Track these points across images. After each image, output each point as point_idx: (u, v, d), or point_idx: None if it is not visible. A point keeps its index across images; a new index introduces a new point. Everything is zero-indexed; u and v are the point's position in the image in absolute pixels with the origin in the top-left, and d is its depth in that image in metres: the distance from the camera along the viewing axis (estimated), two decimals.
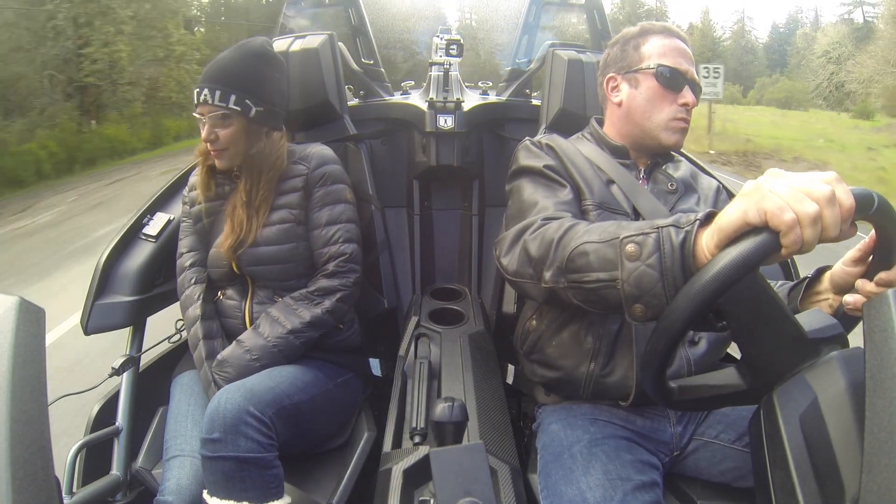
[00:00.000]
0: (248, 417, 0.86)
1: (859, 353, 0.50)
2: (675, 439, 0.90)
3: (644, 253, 0.58)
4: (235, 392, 0.89)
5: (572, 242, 0.68)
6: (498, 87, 2.02)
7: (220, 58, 1.09)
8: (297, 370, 1.02)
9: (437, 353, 1.14)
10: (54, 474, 0.45)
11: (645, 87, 0.96)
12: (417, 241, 1.70)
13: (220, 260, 1.10)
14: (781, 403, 0.55)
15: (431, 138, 1.60)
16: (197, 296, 1.09)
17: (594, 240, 0.65)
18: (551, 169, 0.92)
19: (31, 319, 0.49)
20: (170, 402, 1.07)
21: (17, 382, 0.44)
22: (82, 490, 0.91)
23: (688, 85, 0.95)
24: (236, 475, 0.83)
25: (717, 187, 1.06)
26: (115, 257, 1.13)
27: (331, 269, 1.10)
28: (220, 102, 1.04)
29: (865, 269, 0.69)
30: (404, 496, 0.75)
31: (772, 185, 0.51)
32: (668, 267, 0.56)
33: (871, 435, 0.41)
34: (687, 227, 0.56)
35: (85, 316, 1.07)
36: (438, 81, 1.67)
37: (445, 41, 1.95)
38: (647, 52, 0.97)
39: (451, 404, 0.79)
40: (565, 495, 0.78)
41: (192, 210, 1.15)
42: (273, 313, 1.06)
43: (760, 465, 0.57)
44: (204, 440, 0.84)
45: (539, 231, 0.76)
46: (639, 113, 0.97)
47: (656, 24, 1.01)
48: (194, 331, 1.06)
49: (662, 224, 0.58)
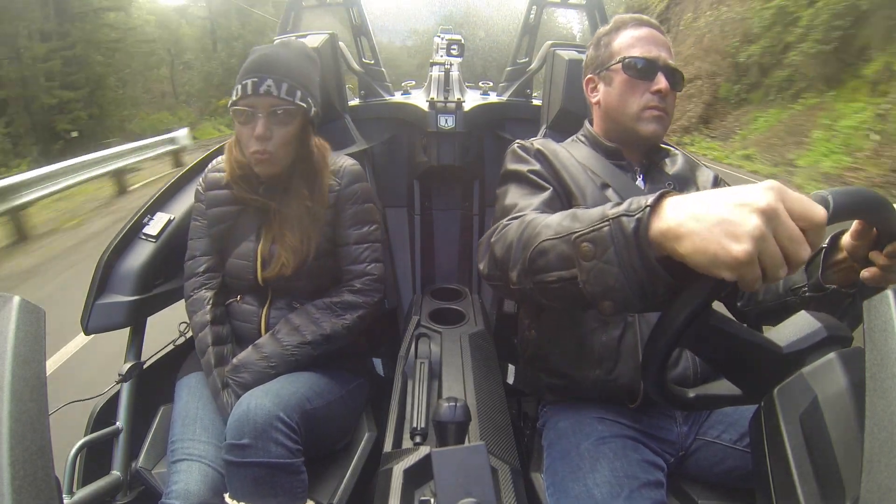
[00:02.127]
0: (278, 423, 0.85)
1: (859, 353, 0.50)
2: (681, 439, 0.90)
3: (599, 250, 0.53)
4: (264, 397, 0.88)
5: (532, 241, 0.64)
6: (498, 87, 2.02)
7: (270, 51, 1.00)
8: (314, 376, 1.01)
9: (438, 353, 1.14)
10: (54, 474, 0.45)
11: (617, 81, 0.95)
12: (418, 241, 1.70)
13: (245, 272, 1.06)
14: (782, 403, 0.55)
15: (432, 138, 1.60)
16: (207, 300, 1.06)
17: (551, 236, 0.61)
18: (535, 174, 0.91)
19: (31, 319, 0.49)
20: (175, 403, 1.04)
21: (17, 382, 0.44)
22: (82, 490, 0.90)
23: (661, 72, 0.92)
24: (266, 481, 0.83)
25: (715, 177, 1.05)
26: (115, 257, 1.13)
27: (357, 286, 1.08)
28: (286, 96, 0.96)
29: (873, 239, 0.68)
30: (405, 496, 0.75)
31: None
32: (626, 260, 0.51)
33: (871, 434, 0.40)
34: (638, 213, 0.50)
35: (85, 316, 1.07)
36: (439, 81, 1.67)
37: (446, 41, 1.95)
38: (616, 47, 0.97)
39: (455, 405, 0.79)
40: (572, 492, 0.78)
41: (209, 211, 1.08)
42: (294, 321, 1.03)
43: (761, 465, 0.57)
44: (230, 445, 0.83)
45: (502, 232, 0.73)
46: (614, 108, 0.97)
47: (627, 16, 1.00)
48: (203, 336, 1.03)
49: (613, 214, 0.53)
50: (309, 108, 1.00)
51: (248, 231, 1.07)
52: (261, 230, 1.06)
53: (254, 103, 0.96)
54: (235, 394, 0.96)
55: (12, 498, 0.39)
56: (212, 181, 1.10)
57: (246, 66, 0.98)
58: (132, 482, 1.00)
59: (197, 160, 1.34)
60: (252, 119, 0.96)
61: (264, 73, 0.95)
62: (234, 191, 1.05)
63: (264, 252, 1.05)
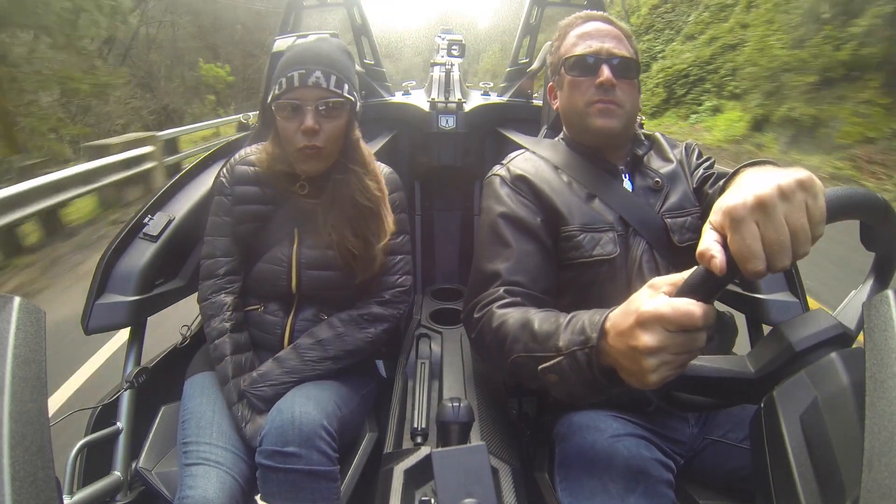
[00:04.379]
0: (322, 431, 0.85)
1: (859, 353, 0.50)
2: (692, 440, 0.90)
3: (564, 378, 0.64)
4: (307, 404, 0.88)
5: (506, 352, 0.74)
6: (499, 87, 2.02)
7: (312, 45, 0.96)
8: (338, 382, 1.01)
9: (439, 353, 1.14)
10: (54, 474, 0.45)
11: (565, 84, 0.95)
12: (419, 242, 1.70)
13: (276, 278, 1.01)
14: (782, 403, 0.55)
15: (433, 139, 1.60)
16: (227, 307, 1.01)
17: (522, 352, 0.72)
18: (508, 217, 0.91)
19: (31, 320, 0.49)
20: (185, 401, 1.01)
21: (17, 382, 0.44)
22: (83, 490, 0.90)
23: (604, 64, 0.90)
24: (306, 487, 0.83)
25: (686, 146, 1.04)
26: (115, 257, 1.13)
27: (387, 297, 1.06)
28: (335, 88, 0.91)
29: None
30: (406, 496, 0.75)
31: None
32: (589, 380, 0.62)
33: (871, 435, 0.40)
34: (588, 347, 0.61)
35: (85, 316, 1.07)
36: (440, 82, 1.67)
37: (447, 41, 1.95)
38: (563, 50, 0.96)
39: (458, 405, 0.79)
40: (587, 486, 0.78)
41: (235, 208, 1.02)
42: (318, 334, 1.00)
43: (761, 465, 0.57)
44: (272, 451, 0.83)
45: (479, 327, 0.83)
46: (568, 110, 0.97)
47: (573, 16, 0.99)
48: (220, 344, 0.99)
49: (566, 349, 0.63)
50: (355, 103, 0.97)
51: (282, 233, 1.02)
52: (294, 233, 1.02)
53: (301, 96, 0.91)
54: (255, 406, 0.95)
55: (12, 498, 0.39)
56: (240, 175, 1.02)
57: (288, 58, 0.94)
58: (132, 482, 1.00)
59: (198, 160, 1.34)
60: (299, 113, 0.91)
61: (312, 65, 0.91)
62: (269, 189, 1.00)
63: (300, 256, 1.01)
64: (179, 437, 0.95)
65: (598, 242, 0.88)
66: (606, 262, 0.88)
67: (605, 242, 0.88)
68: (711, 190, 0.94)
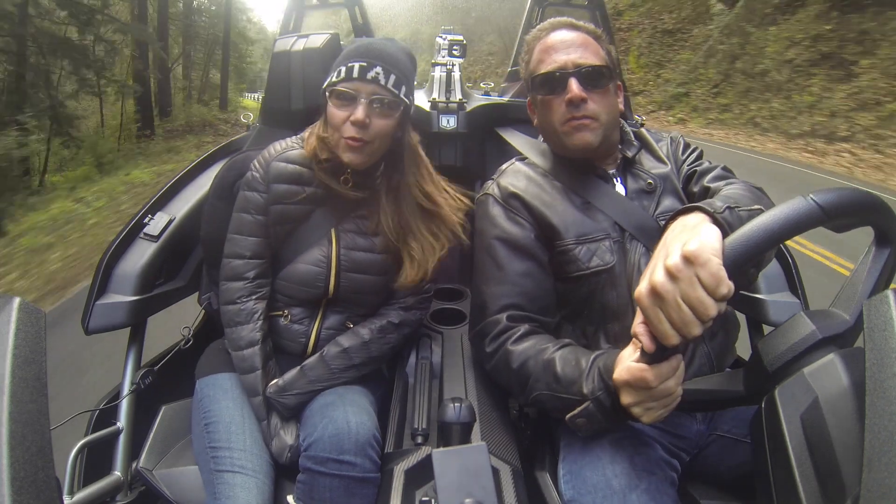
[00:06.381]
0: (373, 440, 0.87)
1: (859, 353, 0.50)
2: (698, 437, 0.90)
3: (591, 420, 0.73)
4: (360, 413, 0.89)
5: (528, 389, 0.82)
6: (500, 87, 2.02)
7: (378, 42, 0.96)
8: (364, 389, 1.01)
9: (439, 353, 1.14)
10: (55, 475, 0.45)
11: (539, 103, 0.94)
12: None
13: (314, 280, 0.99)
14: (783, 403, 0.55)
15: (434, 139, 1.60)
16: (258, 315, 0.97)
17: (545, 391, 0.79)
18: (502, 240, 0.92)
19: (31, 320, 0.49)
20: (207, 403, 0.97)
21: (17, 383, 0.44)
22: (83, 490, 0.90)
23: (571, 77, 0.87)
24: (357, 492, 0.85)
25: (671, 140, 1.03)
26: (115, 257, 1.13)
27: (410, 302, 1.06)
28: (393, 87, 0.92)
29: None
30: (406, 496, 0.75)
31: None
32: (612, 418, 0.71)
33: (871, 434, 0.40)
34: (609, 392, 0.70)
35: (85, 316, 1.07)
36: (441, 82, 1.67)
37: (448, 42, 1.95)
38: (531, 67, 0.94)
39: (459, 405, 0.79)
40: (590, 481, 0.78)
41: (273, 207, 0.98)
42: (344, 343, 1.00)
43: (762, 464, 0.58)
44: (325, 458, 0.84)
45: (494, 362, 0.88)
46: (544, 129, 0.96)
47: (538, 28, 0.97)
48: (250, 355, 0.96)
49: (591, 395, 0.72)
50: (409, 107, 0.97)
51: (318, 234, 1.00)
52: (332, 233, 1.00)
53: (358, 87, 0.91)
54: (281, 416, 0.95)
55: (12, 498, 0.39)
56: (278, 172, 0.98)
57: (351, 49, 0.94)
58: (133, 482, 1.00)
59: (199, 159, 1.34)
60: (352, 103, 0.91)
61: (374, 60, 0.91)
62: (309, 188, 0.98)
63: (340, 257, 1.00)
64: (205, 440, 0.92)
65: (595, 253, 0.88)
66: (605, 272, 0.88)
67: (603, 252, 0.88)
68: (696, 189, 0.94)
